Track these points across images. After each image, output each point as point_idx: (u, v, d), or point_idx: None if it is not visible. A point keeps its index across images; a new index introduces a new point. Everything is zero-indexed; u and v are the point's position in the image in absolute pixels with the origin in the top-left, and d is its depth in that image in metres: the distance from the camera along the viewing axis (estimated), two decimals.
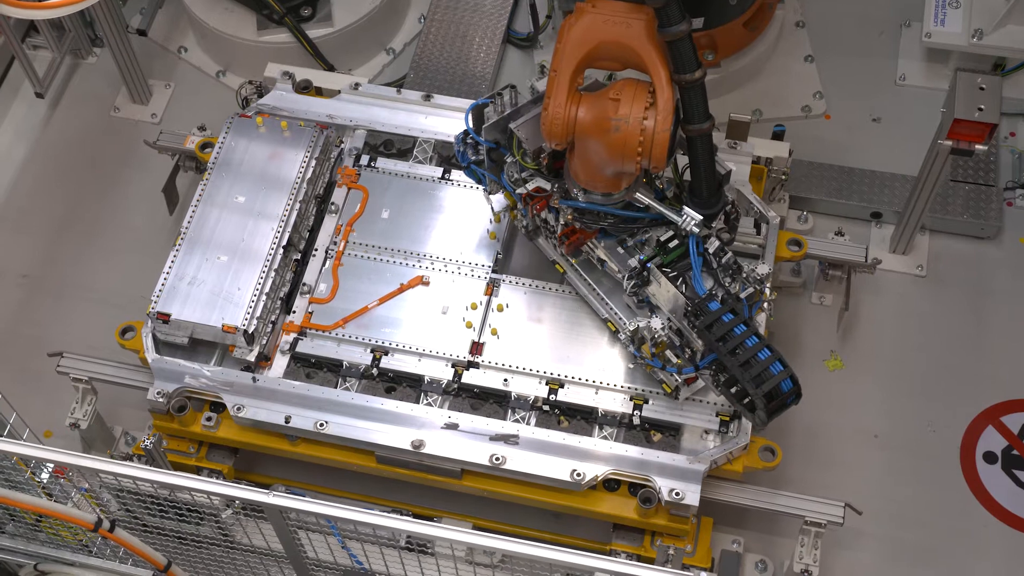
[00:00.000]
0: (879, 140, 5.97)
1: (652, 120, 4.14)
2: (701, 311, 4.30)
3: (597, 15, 4.21)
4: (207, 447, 4.93)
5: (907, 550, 5.00)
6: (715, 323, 4.26)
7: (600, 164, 4.34)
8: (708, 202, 4.47)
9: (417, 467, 4.71)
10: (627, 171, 4.33)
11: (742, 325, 4.25)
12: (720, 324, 4.26)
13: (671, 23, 4.05)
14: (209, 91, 6.29)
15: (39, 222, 5.94)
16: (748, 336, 4.23)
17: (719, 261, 4.45)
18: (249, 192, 5.07)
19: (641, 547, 4.67)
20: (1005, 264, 5.64)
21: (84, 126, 6.21)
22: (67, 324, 5.64)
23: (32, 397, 5.11)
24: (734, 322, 4.25)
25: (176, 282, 4.88)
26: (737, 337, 4.23)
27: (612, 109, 4.18)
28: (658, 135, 4.15)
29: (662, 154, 4.19)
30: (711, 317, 4.26)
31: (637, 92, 4.18)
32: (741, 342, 4.23)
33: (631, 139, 4.16)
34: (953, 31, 5.89)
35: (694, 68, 4.12)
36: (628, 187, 4.50)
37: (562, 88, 4.24)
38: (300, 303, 4.97)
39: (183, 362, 4.82)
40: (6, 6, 2.64)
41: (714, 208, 4.48)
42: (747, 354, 4.21)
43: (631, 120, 4.15)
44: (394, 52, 6.37)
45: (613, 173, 4.38)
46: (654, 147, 4.17)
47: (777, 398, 4.23)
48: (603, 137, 4.21)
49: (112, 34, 5.79)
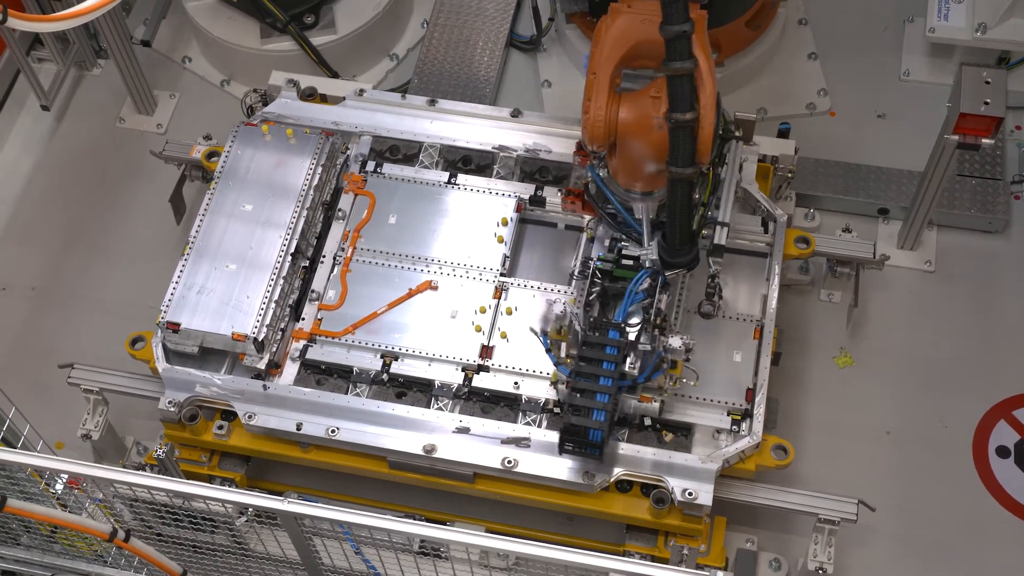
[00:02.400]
0: (884, 136, 5.97)
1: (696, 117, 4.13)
2: (598, 328, 4.38)
3: (633, 15, 4.20)
4: (219, 456, 4.94)
5: (921, 546, 4.99)
6: (595, 345, 4.35)
7: (642, 163, 4.34)
8: (677, 251, 4.48)
9: (429, 472, 4.71)
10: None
11: (611, 366, 4.34)
12: (596, 349, 4.35)
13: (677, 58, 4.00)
14: (214, 100, 6.31)
15: (47, 234, 5.96)
16: (605, 378, 4.33)
17: (654, 315, 4.47)
18: (256, 200, 5.08)
19: (655, 548, 4.66)
20: (1014, 258, 5.64)
21: (90, 138, 6.23)
22: (76, 335, 5.66)
23: (43, 409, 5.10)
24: (609, 358, 4.34)
25: (185, 292, 4.88)
26: (596, 369, 4.35)
27: (654, 107, 4.18)
28: (703, 131, 4.14)
29: (706, 150, 4.17)
30: (598, 340, 4.36)
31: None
32: (596, 376, 4.33)
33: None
34: (957, 26, 5.88)
35: (687, 108, 4.07)
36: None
37: (602, 90, 4.23)
38: (309, 310, 4.97)
39: (194, 371, 4.83)
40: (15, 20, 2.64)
41: (680, 259, 4.49)
42: (589, 387, 4.33)
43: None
44: (397, 58, 6.38)
45: (655, 171, 4.38)
46: (700, 142, 4.16)
47: (576, 436, 4.35)
48: (645, 136, 4.21)
49: (116, 45, 5.81)
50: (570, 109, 5.92)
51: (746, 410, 4.66)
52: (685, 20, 3.94)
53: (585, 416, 4.34)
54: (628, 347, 4.44)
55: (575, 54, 6.18)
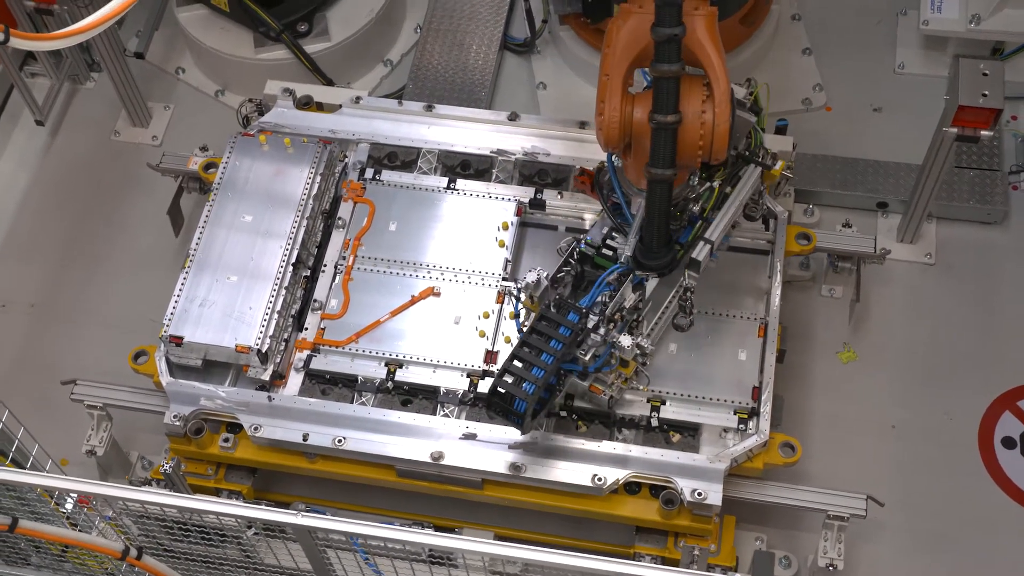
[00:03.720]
0: (881, 130, 5.97)
1: (710, 113, 4.14)
2: (560, 307, 4.39)
3: (644, 15, 4.17)
4: (225, 468, 4.92)
5: (930, 539, 4.99)
6: (549, 320, 4.34)
7: None
8: (652, 253, 4.48)
9: (437, 479, 4.70)
10: (687, 166, 4.34)
11: (558, 345, 4.32)
12: (551, 325, 4.34)
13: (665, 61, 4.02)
14: (209, 111, 6.29)
15: (44, 250, 5.93)
16: (548, 355, 4.32)
17: (612, 308, 4.47)
18: (256, 211, 5.07)
19: (665, 549, 4.66)
20: (1013, 248, 5.64)
21: (85, 151, 6.20)
22: (77, 351, 5.63)
23: (46, 426, 5.02)
24: (560, 338, 4.33)
25: (187, 305, 4.87)
26: (543, 344, 4.33)
27: None
28: (718, 127, 4.14)
29: (722, 147, 4.19)
30: (555, 316, 4.36)
31: (692, 87, 4.16)
32: (539, 349, 4.33)
33: (691, 134, 4.16)
34: (950, 17, 5.88)
35: (671, 110, 4.07)
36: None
37: (615, 91, 4.22)
38: (312, 320, 4.96)
39: (198, 384, 4.81)
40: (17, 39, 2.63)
41: (653, 262, 4.48)
42: (528, 358, 4.33)
43: (689, 115, 4.14)
44: (391, 64, 6.36)
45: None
46: (714, 140, 4.17)
47: (500, 400, 4.35)
48: None
49: (110, 58, 5.79)
50: (566, 111, 5.94)
51: (753, 408, 4.66)
52: (677, 24, 3.95)
53: (512, 381, 4.32)
54: (584, 333, 4.44)
55: (569, 56, 6.18)
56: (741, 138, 4.59)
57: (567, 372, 4.51)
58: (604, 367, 4.54)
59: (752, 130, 4.65)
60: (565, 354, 4.37)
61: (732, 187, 4.64)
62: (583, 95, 6.07)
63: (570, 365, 4.46)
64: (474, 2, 6.33)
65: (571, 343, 4.39)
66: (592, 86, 5.97)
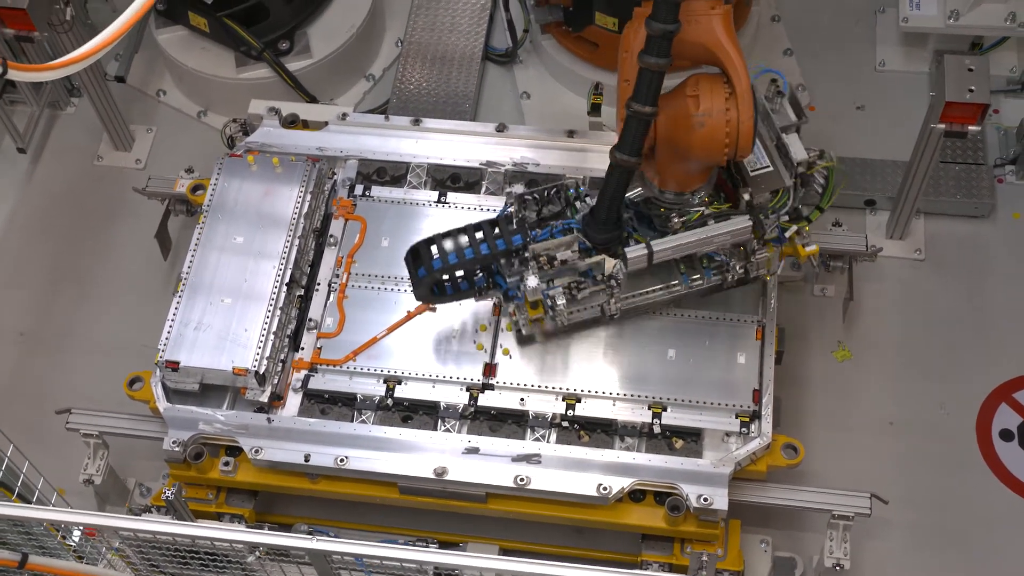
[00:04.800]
0: (865, 127, 6.00)
1: (734, 110, 4.15)
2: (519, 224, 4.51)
3: None
4: (226, 492, 4.89)
5: (934, 534, 5.01)
6: (499, 228, 4.51)
7: (686, 163, 4.34)
8: (599, 227, 4.48)
9: (441, 494, 4.68)
10: (714, 164, 4.37)
11: (487, 251, 4.50)
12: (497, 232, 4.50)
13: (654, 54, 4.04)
14: (192, 132, 6.24)
15: (32, 278, 5.88)
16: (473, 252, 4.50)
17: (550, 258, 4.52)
18: (247, 232, 5.03)
19: (672, 556, 4.66)
20: (1002, 240, 5.68)
21: (69, 177, 6.15)
22: (69, 379, 5.58)
23: (41, 456, 4.95)
24: (492, 247, 4.49)
25: (182, 329, 4.83)
26: (478, 243, 4.51)
27: (693, 106, 4.17)
28: (743, 124, 4.15)
29: (748, 142, 4.20)
30: (505, 228, 4.51)
31: (714, 85, 4.17)
32: (475, 245, 4.51)
33: (717, 132, 4.16)
34: (929, 14, 5.91)
35: (650, 102, 4.09)
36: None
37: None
38: (308, 339, 4.93)
39: (196, 409, 4.78)
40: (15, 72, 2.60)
41: (593, 234, 4.49)
42: (459, 244, 4.51)
43: (714, 113, 4.15)
44: (374, 78, 6.34)
45: (698, 169, 4.39)
46: (740, 136, 4.17)
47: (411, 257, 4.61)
48: (688, 135, 4.20)
49: (90, 83, 5.74)
50: (552, 120, 5.94)
51: (754, 411, 4.66)
52: (673, 21, 3.97)
53: (429, 256, 4.52)
54: (517, 257, 4.52)
55: (552, 64, 6.18)
56: (765, 189, 4.49)
57: (496, 285, 4.64)
58: (510, 292, 4.61)
59: (783, 191, 4.50)
60: (487, 260, 4.53)
61: (716, 221, 4.54)
62: (568, 103, 6.10)
63: (500, 279, 4.60)
64: (454, 14, 6.32)
65: (500, 256, 4.52)
66: (576, 94, 6.07)
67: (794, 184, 4.50)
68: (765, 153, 4.50)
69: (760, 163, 4.49)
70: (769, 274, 4.74)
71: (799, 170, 4.48)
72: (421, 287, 4.64)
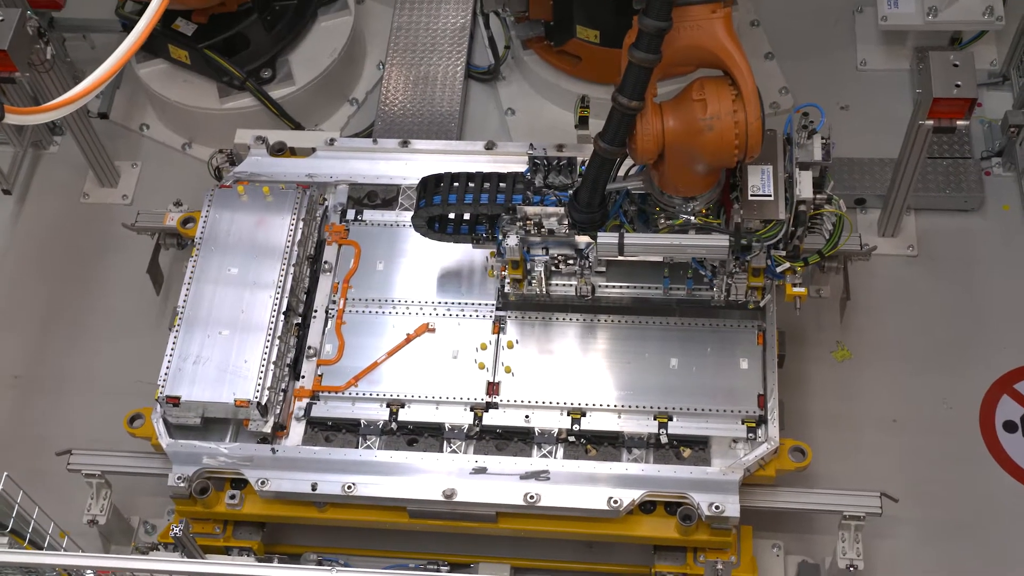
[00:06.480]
0: (850, 127, 6.00)
1: (742, 112, 4.17)
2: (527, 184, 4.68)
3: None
4: (233, 525, 4.85)
5: (944, 529, 5.02)
6: (508, 184, 4.68)
7: (695, 167, 4.36)
8: (581, 208, 4.54)
9: (451, 516, 4.66)
10: (725, 166, 4.39)
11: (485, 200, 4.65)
12: (504, 186, 4.69)
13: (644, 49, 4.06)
14: (177, 165, 6.22)
15: (24, 320, 5.83)
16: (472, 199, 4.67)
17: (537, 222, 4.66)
18: (241, 263, 5.01)
19: (685, 565, 4.65)
20: (993, 232, 5.70)
21: (56, 217, 6.11)
22: (67, 419, 5.54)
23: (42, 499, 4.95)
24: (492, 199, 4.65)
25: (181, 363, 4.79)
26: (485, 191, 4.67)
27: (700, 110, 4.20)
28: (751, 125, 4.18)
29: (757, 143, 4.23)
30: (511, 185, 4.68)
31: (720, 88, 4.20)
32: (480, 191, 4.68)
33: (727, 134, 4.19)
34: (907, 11, 5.96)
35: (636, 97, 4.14)
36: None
37: (647, 104, 4.23)
38: (308, 367, 4.90)
39: (199, 443, 4.74)
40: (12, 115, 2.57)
41: (576, 215, 4.57)
42: (464, 188, 4.69)
43: (722, 116, 4.17)
44: (357, 102, 6.33)
45: (706, 172, 4.41)
46: (749, 137, 4.20)
47: (422, 187, 4.79)
48: (697, 139, 4.22)
49: (73, 121, 5.70)
50: (538, 134, 5.94)
51: (760, 416, 4.66)
52: (666, 19, 4.00)
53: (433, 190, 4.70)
54: (511, 214, 4.63)
55: (535, 79, 6.18)
56: (757, 216, 4.43)
57: (494, 238, 4.73)
58: (503, 251, 4.68)
59: (775, 223, 4.44)
60: (482, 210, 4.67)
61: (696, 232, 4.53)
62: (553, 118, 6.10)
63: (498, 232, 4.69)
64: (434, 34, 6.31)
65: (496, 210, 4.65)
66: (560, 108, 6.06)
67: (788, 220, 4.45)
68: (772, 182, 4.49)
69: (763, 190, 4.47)
70: (753, 304, 4.76)
71: (800, 208, 4.44)
72: (418, 218, 4.80)
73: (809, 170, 4.45)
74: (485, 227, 4.81)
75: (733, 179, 4.54)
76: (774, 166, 4.50)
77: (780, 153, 4.52)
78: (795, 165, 4.45)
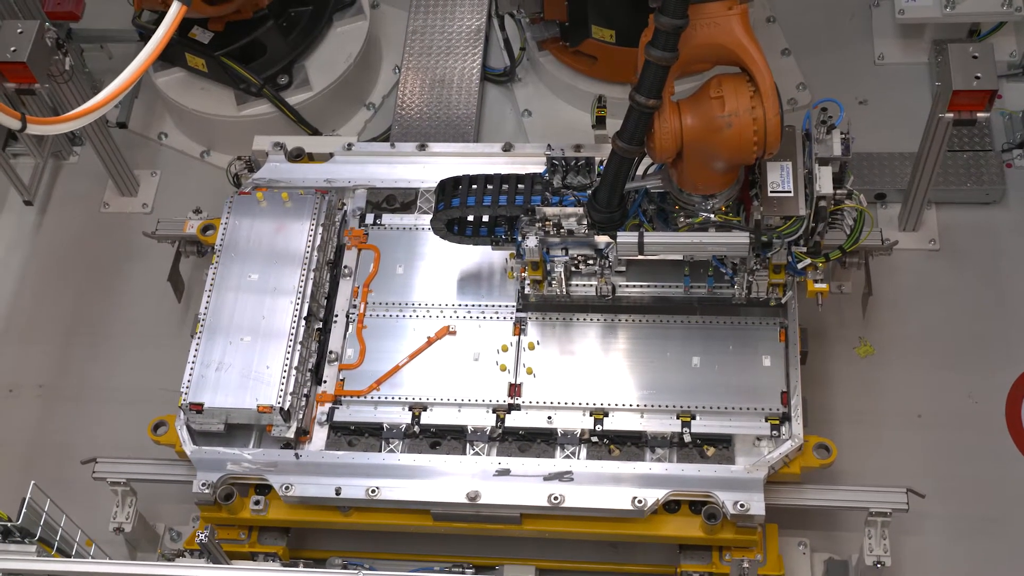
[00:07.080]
0: (869, 121, 5.96)
1: (760, 108, 4.17)
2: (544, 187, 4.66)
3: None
4: (258, 531, 4.86)
5: (972, 524, 4.98)
6: (528, 186, 4.67)
7: (713, 164, 4.36)
8: (598, 207, 4.54)
9: (475, 519, 4.66)
10: (744, 163, 4.39)
11: (504, 202, 4.66)
12: (523, 188, 4.68)
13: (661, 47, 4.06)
14: (196, 172, 6.24)
15: (46, 330, 5.86)
16: (491, 200, 4.67)
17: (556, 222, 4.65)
18: (261, 269, 5.02)
19: (711, 564, 4.63)
20: (1015, 225, 5.66)
21: (77, 226, 6.14)
22: (91, 428, 5.56)
23: (69, 507, 4.98)
24: (511, 201, 4.66)
25: (203, 370, 4.80)
26: (503, 192, 4.68)
27: (718, 107, 4.20)
28: (770, 121, 4.18)
29: (776, 139, 4.23)
30: (530, 187, 4.67)
31: (737, 85, 4.20)
32: (499, 193, 4.69)
33: (745, 131, 4.19)
34: (925, 4, 5.91)
35: (653, 95, 4.14)
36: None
37: (665, 104, 4.23)
38: (330, 372, 4.91)
39: (223, 449, 4.75)
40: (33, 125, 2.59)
41: (595, 214, 4.55)
42: (482, 190, 4.69)
43: (741, 112, 4.18)
44: (374, 106, 6.34)
45: (725, 169, 4.40)
46: (768, 133, 4.20)
47: (441, 189, 4.78)
48: (716, 137, 4.22)
49: (93, 131, 5.73)
50: (555, 135, 5.91)
51: (784, 413, 4.64)
52: (682, 16, 3.99)
53: (452, 192, 4.70)
54: (529, 215, 4.63)
55: (551, 80, 6.17)
56: (777, 212, 4.42)
57: (513, 239, 4.71)
58: (522, 252, 4.68)
59: (795, 219, 4.42)
60: (501, 211, 4.68)
61: (715, 230, 4.55)
62: (570, 118, 6.09)
63: (517, 234, 4.69)
64: (449, 37, 6.32)
65: (515, 211, 4.66)
66: (577, 108, 6.06)
67: (808, 216, 4.44)
68: (791, 178, 4.46)
69: (783, 186, 4.45)
70: (774, 301, 4.76)
71: (820, 204, 4.42)
72: (437, 220, 4.79)
73: (829, 165, 4.43)
74: (504, 229, 4.80)
75: (752, 176, 4.52)
76: (793, 162, 4.48)
77: (799, 149, 4.50)
78: (814, 161, 4.43)
